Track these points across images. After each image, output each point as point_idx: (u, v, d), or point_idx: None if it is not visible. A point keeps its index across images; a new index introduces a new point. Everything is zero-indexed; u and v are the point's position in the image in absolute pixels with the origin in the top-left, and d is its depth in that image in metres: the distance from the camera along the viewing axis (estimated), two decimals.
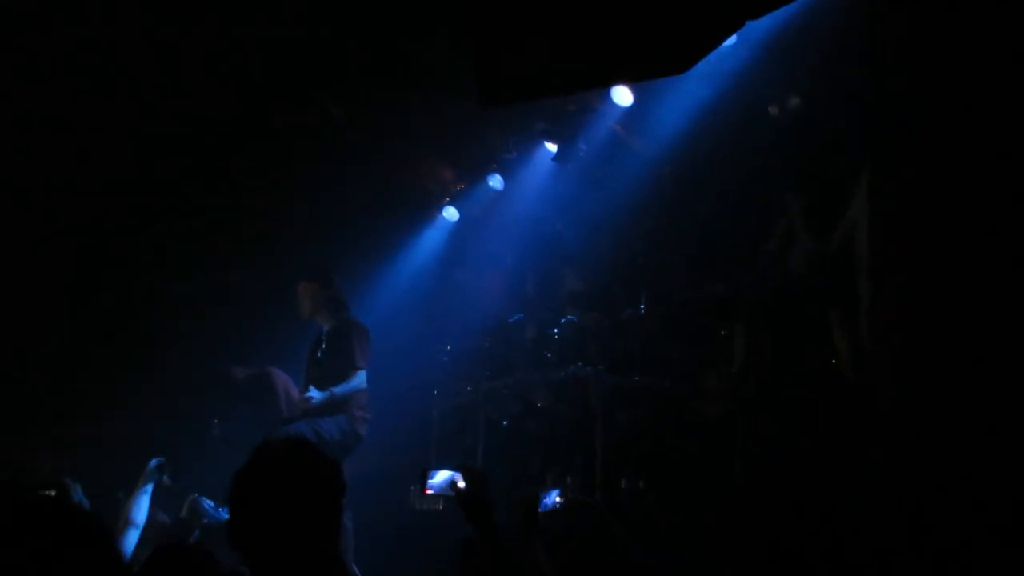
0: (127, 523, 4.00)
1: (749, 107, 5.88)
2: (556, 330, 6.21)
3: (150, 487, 4.17)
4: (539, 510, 2.99)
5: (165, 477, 4.25)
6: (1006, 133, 3.55)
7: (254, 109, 6.27)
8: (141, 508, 4.09)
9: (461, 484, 2.56)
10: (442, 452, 6.50)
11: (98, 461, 5.72)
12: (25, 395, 6.11)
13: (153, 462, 4.23)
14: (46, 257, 6.18)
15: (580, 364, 5.86)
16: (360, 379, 5.35)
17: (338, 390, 5.24)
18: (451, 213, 7.45)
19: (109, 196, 6.21)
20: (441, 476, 2.68)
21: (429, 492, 2.57)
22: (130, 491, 4.15)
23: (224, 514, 4.63)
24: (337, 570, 2.18)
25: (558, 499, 4.90)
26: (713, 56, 4.59)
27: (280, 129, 6.49)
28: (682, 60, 2.70)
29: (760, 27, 5.37)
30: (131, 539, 3.97)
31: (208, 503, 5.12)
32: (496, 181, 7.12)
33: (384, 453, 6.27)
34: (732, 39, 5.21)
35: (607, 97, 6.21)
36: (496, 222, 7.43)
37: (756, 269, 5.31)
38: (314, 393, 5.18)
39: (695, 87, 5.87)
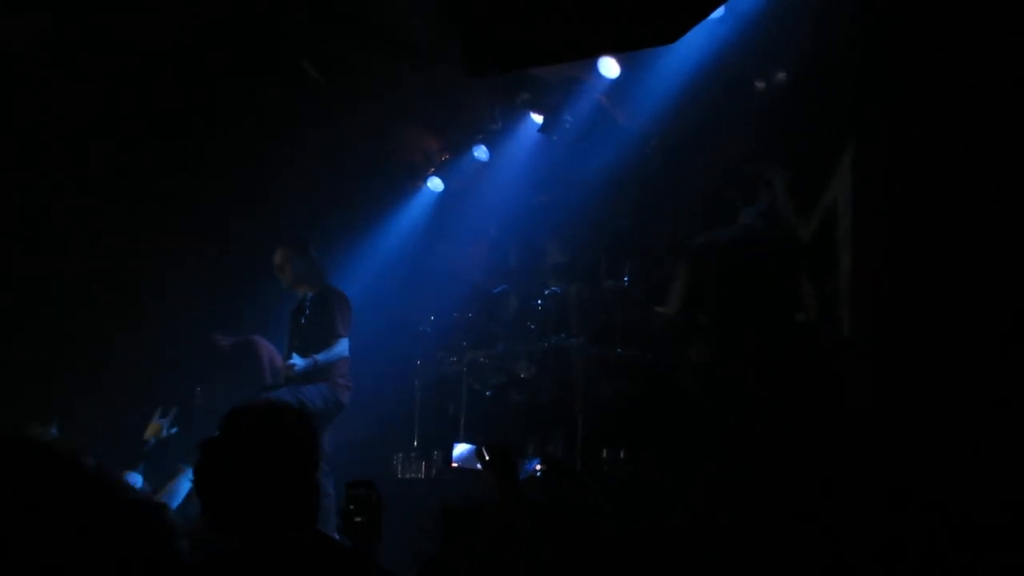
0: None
1: (735, 82, 5.87)
2: (539, 301, 6.23)
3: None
4: (520, 477, 3.02)
5: (171, 431, 4.05)
6: (996, 112, 3.55)
7: (234, 77, 6.20)
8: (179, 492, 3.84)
9: (486, 456, 2.61)
10: (425, 422, 6.53)
11: (79, 431, 5.69)
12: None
13: (162, 420, 4.03)
14: (28, 222, 6.12)
15: (563, 335, 5.89)
16: (342, 347, 5.37)
17: (321, 358, 5.26)
18: (435, 184, 7.42)
19: (84, 168, 6.14)
20: (464, 450, 2.71)
21: (455, 465, 2.62)
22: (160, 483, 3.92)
23: None
24: (308, 535, 2.14)
25: (539, 467, 4.94)
26: (700, 29, 4.60)
27: (261, 97, 6.43)
28: (671, 29, 2.69)
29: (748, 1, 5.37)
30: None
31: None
32: (481, 152, 7.10)
33: (367, 422, 6.29)
34: (720, 11, 5.20)
35: (593, 69, 6.18)
36: (480, 193, 7.41)
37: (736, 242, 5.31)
38: (297, 360, 5.19)
39: (682, 61, 5.85)
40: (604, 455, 5.37)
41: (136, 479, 4.63)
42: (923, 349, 3.46)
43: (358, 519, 2.33)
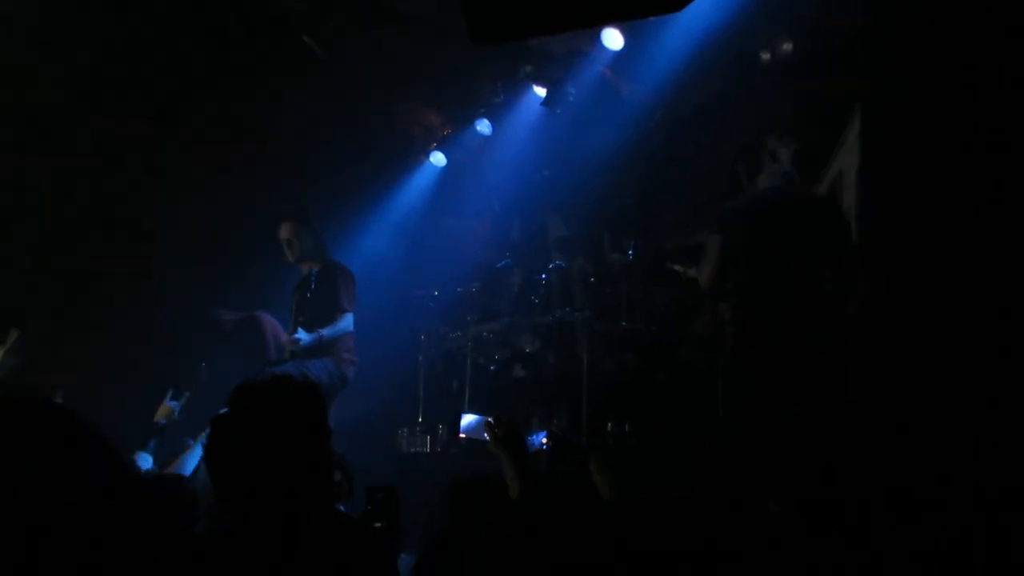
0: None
1: (741, 53, 5.83)
2: (543, 276, 6.22)
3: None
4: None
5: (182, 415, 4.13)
6: (996, 110, 3.50)
7: (237, 50, 6.16)
8: (186, 467, 3.91)
9: (495, 428, 2.61)
10: (429, 397, 6.54)
11: (83, 409, 5.70)
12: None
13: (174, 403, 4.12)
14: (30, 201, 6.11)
15: (567, 310, 5.88)
16: (347, 321, 5.37)
17: (326, 332, 5.26)
18: (438, 159, 7.39)
19: (86, 146, 6.11)
20: (472, 420, 2.70)
21: (462, 436, 2.61)
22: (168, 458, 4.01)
23: None
24: (324, 515, 2.12)
25: (544, 440, 4.94)
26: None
27: (263, 72, 6.38)
28: None
29: None
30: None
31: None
32: (484, 126, 7.06)
33: (371, 398, 6.30)
34: None
35: (597, 41, 6.13)
36: (483, 167, 7.38)
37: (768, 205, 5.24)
38: (302, 335, 5.20)
39: (686, 32, 5.80)
40: (609, 429, 5.38)
41: (146, 459, 4.66)
42: (925, 348, 3.44)
43: (378, 524, 2.32)
